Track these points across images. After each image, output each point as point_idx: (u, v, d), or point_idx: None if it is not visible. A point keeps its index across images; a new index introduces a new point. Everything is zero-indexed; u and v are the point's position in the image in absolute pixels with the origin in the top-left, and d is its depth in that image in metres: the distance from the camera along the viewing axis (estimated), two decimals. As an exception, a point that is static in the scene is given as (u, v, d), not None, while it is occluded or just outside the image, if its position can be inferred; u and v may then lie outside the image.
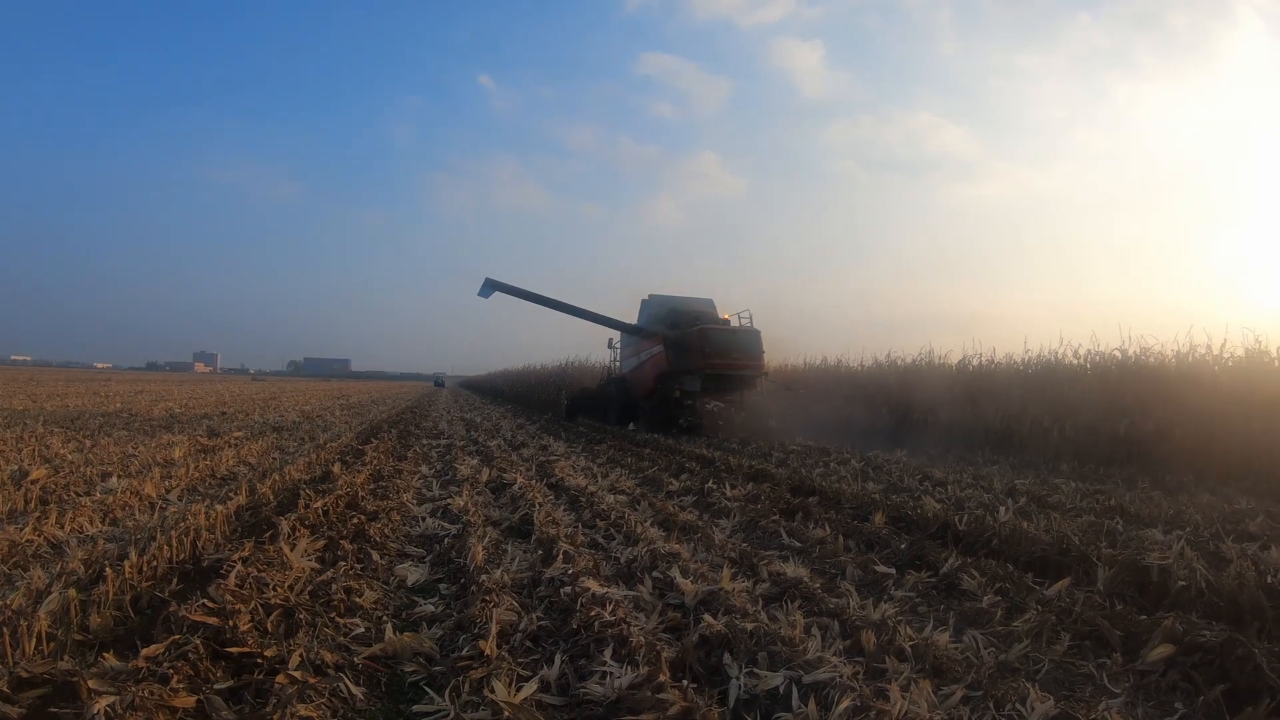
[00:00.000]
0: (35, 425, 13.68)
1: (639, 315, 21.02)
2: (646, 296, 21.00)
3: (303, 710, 2.89)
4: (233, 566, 4.29)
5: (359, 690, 3.22)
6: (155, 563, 4.61)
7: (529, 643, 3.77)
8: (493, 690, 3.09)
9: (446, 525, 6.49)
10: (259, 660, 3.31)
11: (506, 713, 2.96)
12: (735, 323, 19.38)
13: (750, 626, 3.72)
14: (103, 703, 2.72)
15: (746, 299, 31.78)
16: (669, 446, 14.14)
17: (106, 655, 3.18)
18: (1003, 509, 6.95)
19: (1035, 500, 8.15)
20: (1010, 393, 15.57)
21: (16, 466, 7.97)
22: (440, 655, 3.71)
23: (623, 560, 5.39)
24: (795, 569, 5.08)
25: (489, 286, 20.34)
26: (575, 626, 3.88)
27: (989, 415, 15.55)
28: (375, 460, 10.20)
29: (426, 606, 4.39)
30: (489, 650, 3.48)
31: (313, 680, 3.15)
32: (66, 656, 3.27)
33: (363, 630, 3.87)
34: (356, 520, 6.07)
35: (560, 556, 5.12)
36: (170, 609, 3.64)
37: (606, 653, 3.49)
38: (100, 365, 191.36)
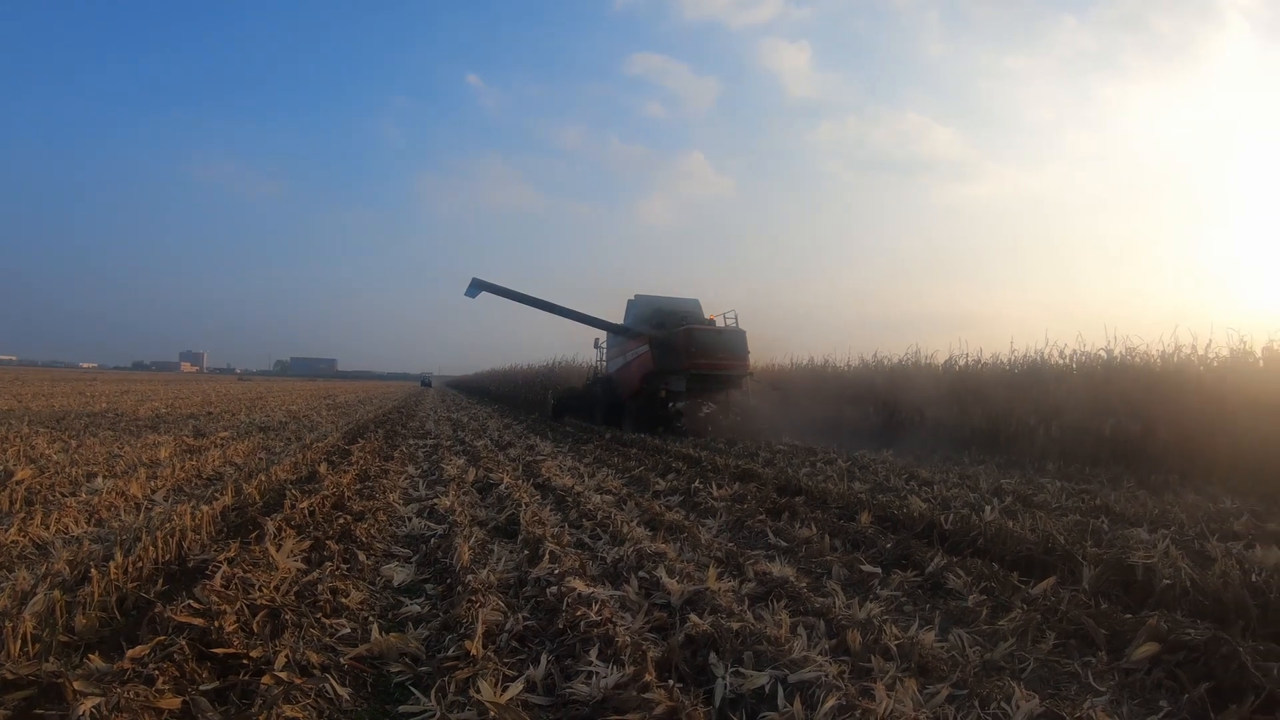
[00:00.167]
0: (20, 425, 13.58)
1: (625, 315, 21.01)
2: (633, 297, 21.01)
3: (289, 711, 2.90)
4: (218, 567, 4.29)
5: (345, 691, 3.23)
6: (141, 563, 4.60)
7: (515, 643, 3.78)
8: (478, 690, 3.10)
9: (433, 525, 6.50)
10: (245, 661, 3.31)
11: (492, 713, 2.98)
12: (721, 323, 19.39)
13: (736, 626, 3.74)
14: (88, 704, 2.72)
15: (736, 299, 31.90)
16: (656, 446, 14.16)
17: (92, 656, 3.17)
18: (988, 508, 6.99)
19: (1021, 499, 8.20)
20: (996, 393, 15.58)
21: (1, 467, 7.91)
22: (426, 655, 3.71)
23: (609, 560, 5.40)
24: (781, 568, 5.10)
25: (476, 286, 20.33)
26: (561, 626, 3.89)
27: (975, 415, 15.59)
28: (362, 460, 10.19)
29: (412, 607, 4.40)
30: (475, 650, 3.49)
31: (299, 681, 3.15)
32: (52, 658, 3.26)
33: (349, 631, 3.88)
34: (343, 520, 6.07)
35: (546, 556, 5.13)
36: (156, 610, 3.64)
37: (592, 652, 3.50)
38: (86, 365, 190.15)
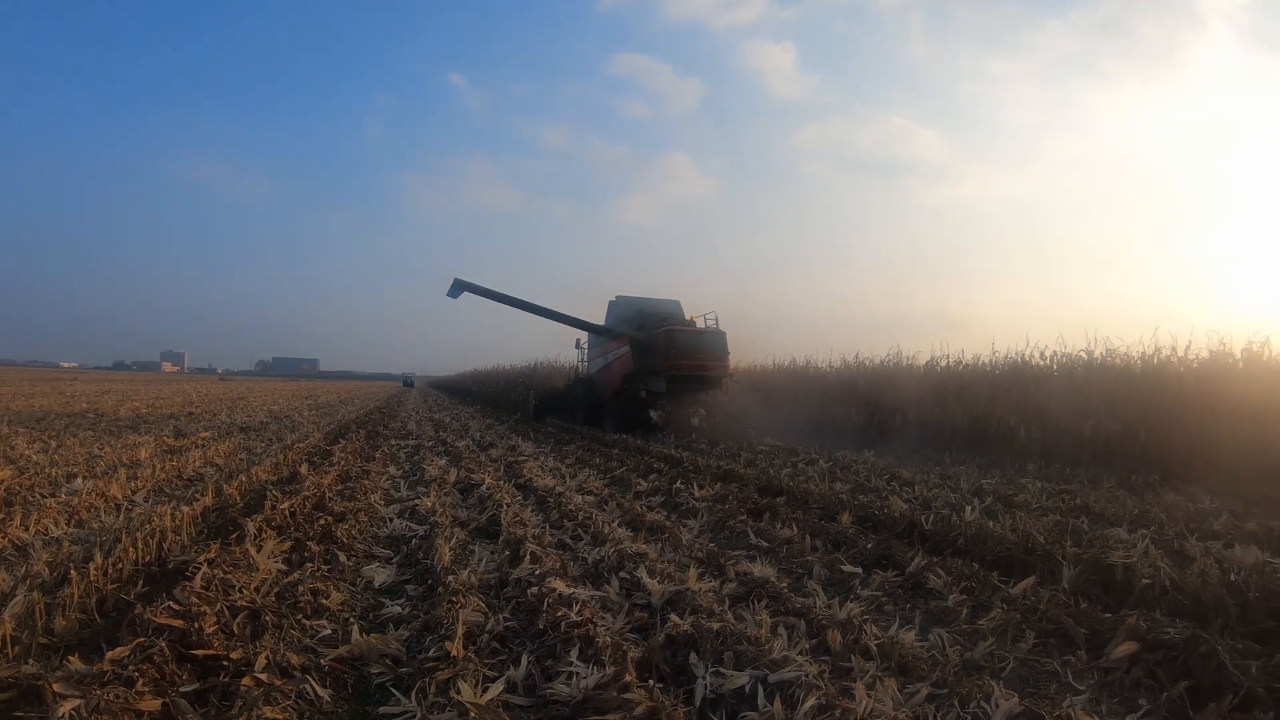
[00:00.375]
0: (0, 425, 13.46)
1: (606, 316, 21.01)
2: (614, 298, 21.03)
3: (269, 713, 2.91)
4: (199, 568, 4.28)
5: (325, 692, 3.23)
6: (121, 565, 4.58)
7: (496, 643, 3.79)
8: (459, 691, 3.12)
9: (414, 526, 6.49)
10: (225, 662, 3.31)
11: (472, 713, 2.99)
12: (701, 324, 19.43)
13: (716, 626, 3.75)
14: (68, 706, 2.73)
15: (719, 300, 31.95)
16: (637, 447, 14.16)
17: (71, 658, 3.17)
18: (969, 508, 7.01)
19: (1001, 500, 8.24)
20: (978, 394, 15.66)
21: (-22, 467, 7.86)
22: (407, 656, 3.72)
23: (590, 561, 5.42)
24: (762, 569, 5.12)
25: (458, 287, 20.30)
26: (542, 627, 3.91)
27: (957, 416, 15.66)
28: (343, 461, 10.16)
29: (393, 608, 4.40)
30: (455, 651, 3.50)
31: (279, 682, 3.16)
32: (31, 660, 3.25)
33: (329, 632, 3.88)
34: (324, 521, 6.07)
35: (527, 557, 5.14)
36: (136, 611, 3.63)
37: (573, 653, 3.52)
38: (66, 364, 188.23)
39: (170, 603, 3.71)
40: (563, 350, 33.75)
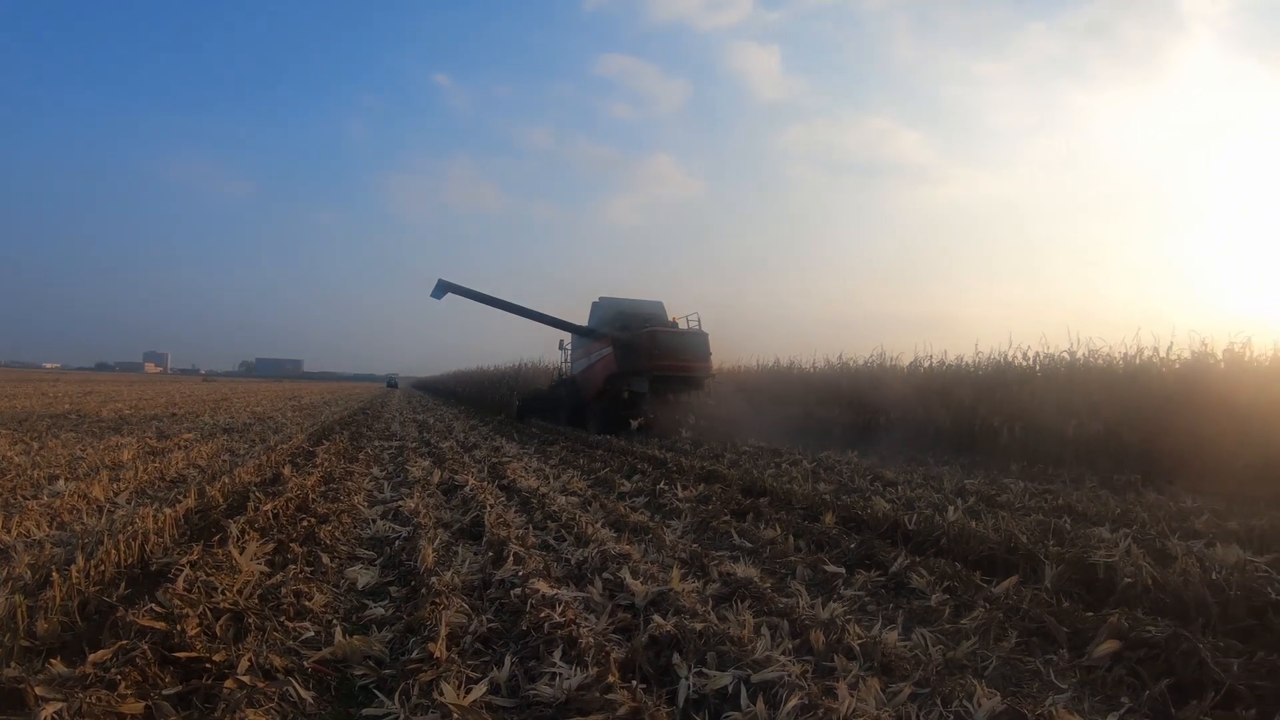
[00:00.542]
0: (-22, 426, 13.35)
1: (589, 317, 21.05)
2: (598, 299, 21.07)
3: (252, 715, 2.91)
4: (181, 570, 4.26)
5: (308, 694, 3.24)
6: (103, 567, 4.56)
7: (479, 645, 3.79)
8: (442, 693, 3.12)
9: (397, 528, 6.48)
10: (208, 665, 3.31)
11: (456, 715, 3.00)
12: (684, 325, 19.49)
13: (700, 627, 3.76)
14: (50, 709, 2.73)
15: (704, 300, 31.99)
16: (621, 448, 14.17)
17: (53, 661, 3.16)
18: (952, 509, 7.02)
19: (984, 500, 8.28)
20: (961, 394, 15.73)
21: (-41, 469, 7.80)
22: (390, 658, 3.72)
23: (573, 561, 5.42)
24: (745, 569, 5.13)
25: (442, 288, 20.30)
26: (525, 628, 3.91)
27: (940, 416, 15.74)
28: (326, 462, 10.12)
29: (376, 609, 4.40)
30: (439, 653, 3.50)
31: (262, 685, 3.16)
32: (13, 663, 3.24)
33: (312, 634, 3.88)
34: (307, 523, 6.06)
35: (511, 558, 5.14)
36: (118, 614, 3.63)
37: (556, 654, 3.53)
38: (49, 365, 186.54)
39: (153, 605, 3.70)
40: (547, 351, 33.79)
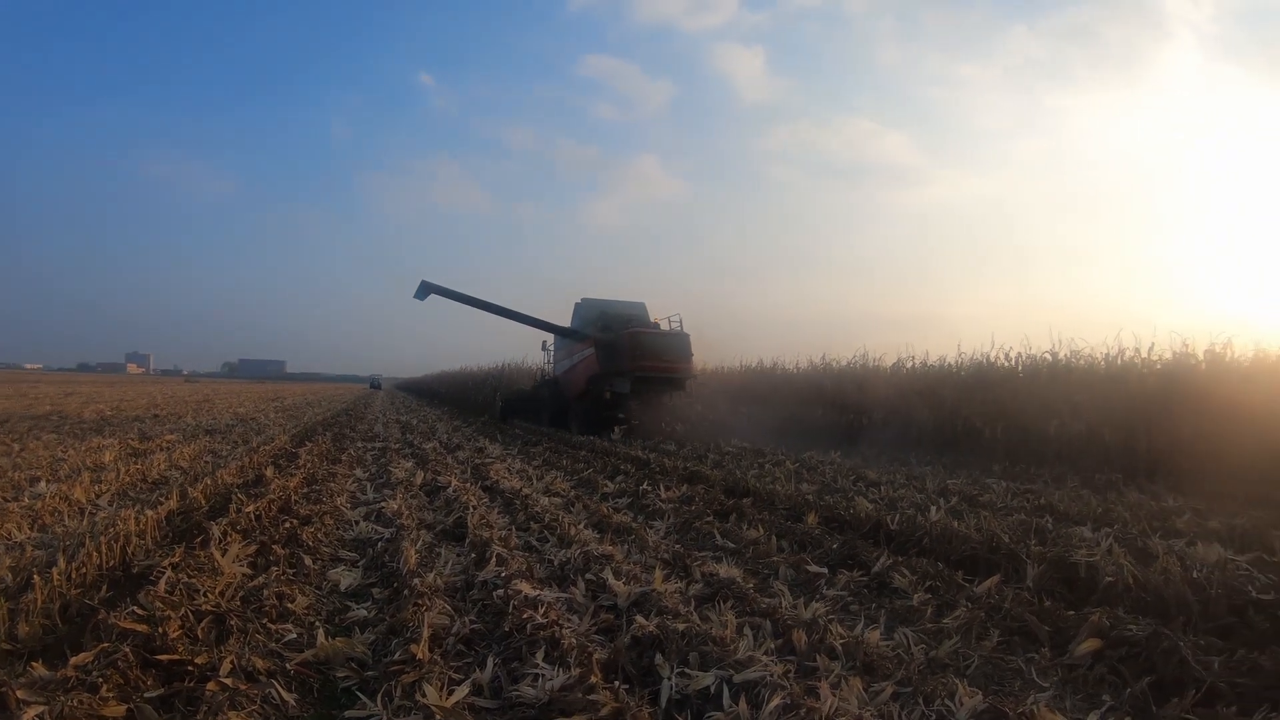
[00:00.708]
0: (-42, 428, 13.23)
1: (572, 318, 21.04)
2: (580, 300, 21.10)
3: (234, 717, 2.92)
4: (163, 573, 4.26)
5: (291, 696, 3.24)
6: (84, 570, 4.54)
7: (461, 646, 3.80)
8: (424, 694, 3.13)
9: (380, 529, 6.48)
10: (190, 668, 3.31)
11: (438, 716, 3.01)
12: (666, 326, 19.53)
13: (682, 627, 3.76)
14: (31, 713, 2.73)
15: (687, 301, 32.06)
16: (604, 449, 14.17)
17: (35, 664, 3.15)
18: (934, 508, 7.08)
19: (966, 500, 8.33)
20: (944, 395, 15.78)
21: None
22: (372, 660, 3.72)
23: (556, 562, 5.43)
24: (728, 569, 5.14)
25: (425, 289, 20.27)
26: (508, 629, 3.91)
27: (923, 417, 15.79)
28: (309, 463, 10.10)
29: (359, 611, 4.41)
30: (421, 654, 3.51)
31: (244, 687, 3.16)
32: (-7, 666, 3.24)
33: (295, 636, 3.88)
34: (289, 525, 6.05)
35: (493, 559, 5.15)
36: (99, 617, 3.62)
37: (539, 655, 3.54)
38: (30, 366, 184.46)
39: (134, 608, 3.69)
40: (530, 352, 33.71)
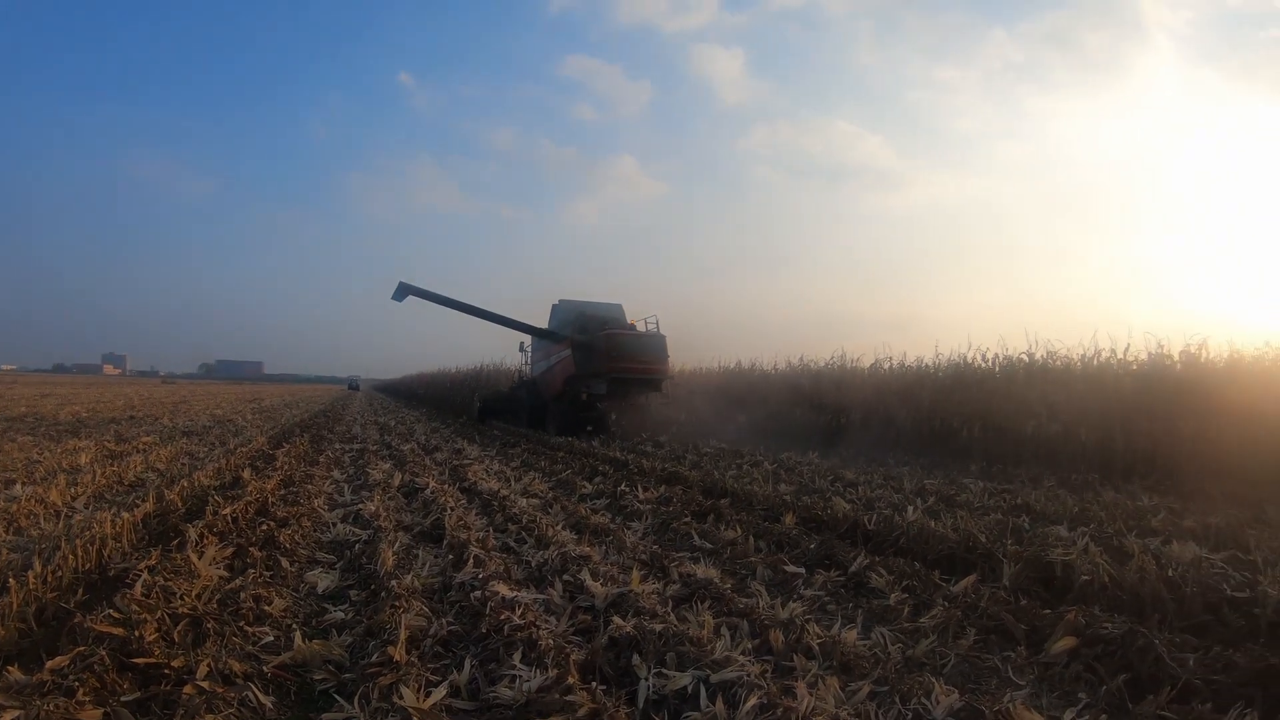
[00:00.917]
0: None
1: (549, 319, 21.08)
2: (557, 301, 21.13)
3: (211, 720, 2.93)
4: (139, 576, 4.26)
5: (268, 699, 3.25)
6: (60, 573, 4.52)
7: (439, 648, 3.81)
8: (402, 696, 3.15)
9: (357, 531, 6.48)
10: (166, 671, 3.31)
11: (415, 718, 3.03)
12: (642, 328, 19.61)
13: (659, 628, 3.79)
14: (7, 717, 2.73)
15: (665, 303, 32.04)
16: (582, 450, 14.18)
17: (10, 668, 3.14)
18: (911, 508, 7.13)
19: (944, 500, 8.37)
20: (921, 396, 15.84)
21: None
22: (350, 662, 3.73)
23: (534, 564, 5.45)
24: (706, 570, 5.18)
25: (403, 290, 20.22)
26: (485, 630, 3.92)
27: (901, 417, 15.82)
28: (287, 465, 10.06)
29: (336, 613, 4.42)
30: (398, 656, 3.52)
31: (221, 690, 3.17)
32: (-32, 671, 3.23)
33: (272, 639, 3.88)
34: (266, 527, 6.03)
35: (471, 561, 5.16)
36: (75, 620, 3.62)
37: (516, 656, 3.56)
38: (5, 367, 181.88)
39: (111, 611, 3.69)
40: (508, 353, 33.66)
